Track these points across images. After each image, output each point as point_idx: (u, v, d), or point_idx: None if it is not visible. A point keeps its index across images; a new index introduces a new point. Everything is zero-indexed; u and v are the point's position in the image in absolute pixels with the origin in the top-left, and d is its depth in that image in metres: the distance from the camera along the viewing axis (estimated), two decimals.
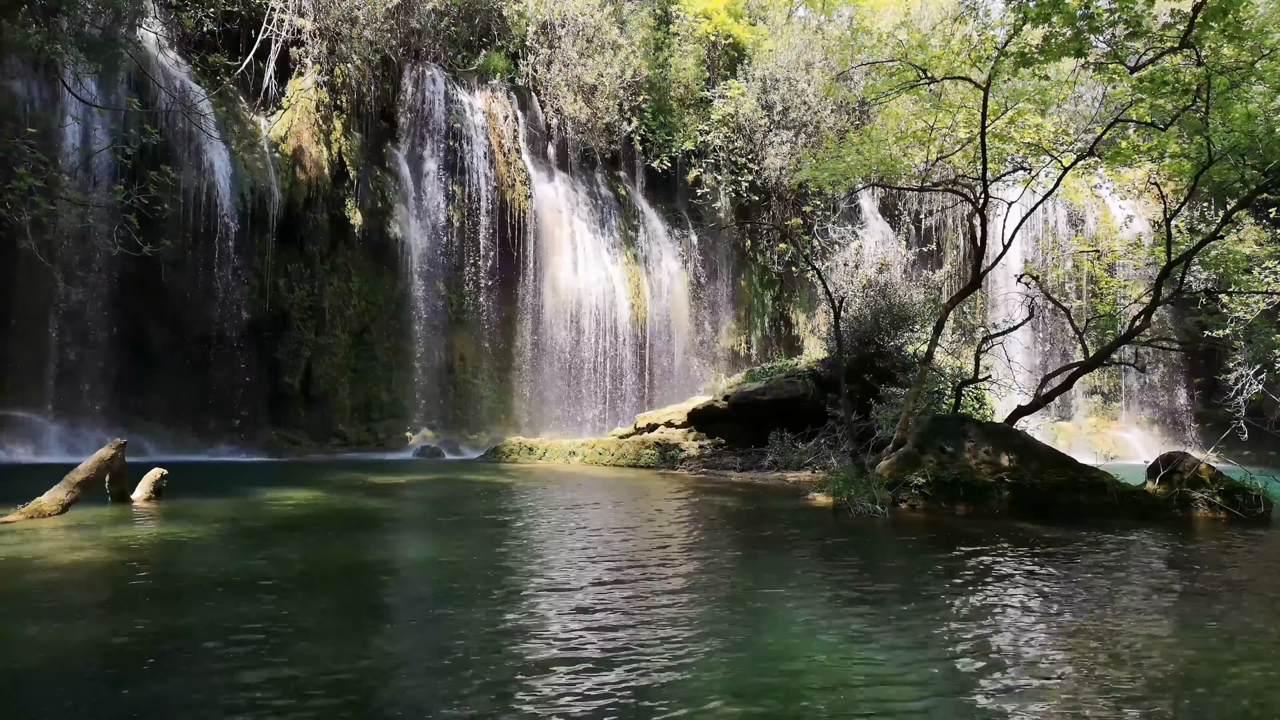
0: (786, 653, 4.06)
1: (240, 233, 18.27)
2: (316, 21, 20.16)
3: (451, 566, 6.29)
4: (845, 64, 17.12)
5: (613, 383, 23.88)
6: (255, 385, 18.87)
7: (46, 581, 5.26)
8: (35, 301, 16.20)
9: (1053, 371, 13.60)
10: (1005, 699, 3.51)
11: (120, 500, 8.67)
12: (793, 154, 25.32)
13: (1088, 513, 9.40)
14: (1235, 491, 9.56)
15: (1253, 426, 18.51)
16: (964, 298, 13.82)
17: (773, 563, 6.62)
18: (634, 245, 25.49)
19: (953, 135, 13.53)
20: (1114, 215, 25.98)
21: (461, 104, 22.59)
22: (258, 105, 19.76)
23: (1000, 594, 5.54)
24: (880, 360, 16.23)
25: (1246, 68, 9.78)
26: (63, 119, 15.65)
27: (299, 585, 5.47)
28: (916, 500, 9.76)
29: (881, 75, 12.58)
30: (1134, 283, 19.93)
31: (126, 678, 3.60)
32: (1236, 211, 11.73)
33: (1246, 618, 4.99)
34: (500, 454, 18.56)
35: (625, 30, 25.85)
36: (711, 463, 16.27)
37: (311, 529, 7.99)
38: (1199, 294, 14.84)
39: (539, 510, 9.95)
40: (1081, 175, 13.57)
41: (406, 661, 3.87)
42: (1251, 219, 19.70)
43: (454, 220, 22.08)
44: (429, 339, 21.68)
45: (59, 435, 15.94)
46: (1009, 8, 10.65)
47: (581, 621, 4.56)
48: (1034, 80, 11.12)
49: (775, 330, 27.91)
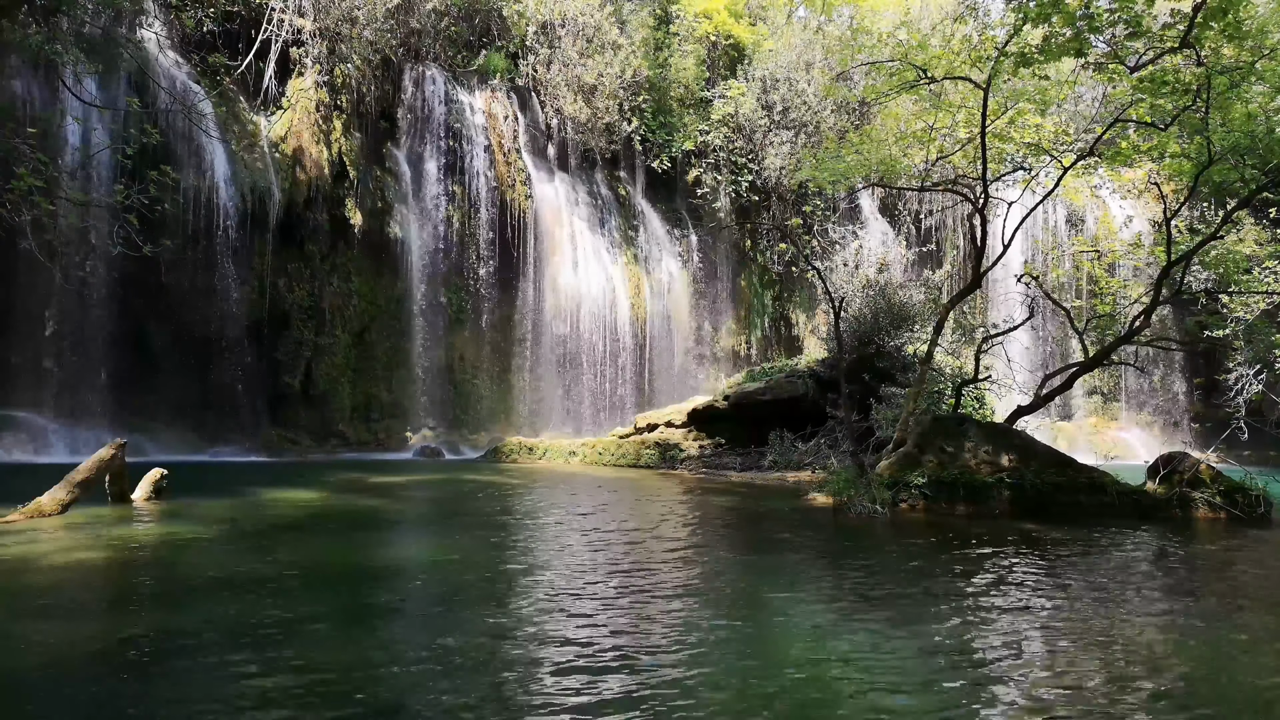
0: (788, 654, 4.05)
1: (240, 233, 18.27)
2: (316, 21, 20.16)
3: (451, 567, 6.29)
4: (845, 64, 17.11)
5: (613, 383, 23.88)
6: (255, 385, 18.87)
7: (46, 581, 5.26)
8: (35, 301, 16.20)
9: (1053, 371, 13.59)
10: (1008, 699, 3.51)
11: (120, 500, 8.67)
12: (793, 154, 25.31)
13: (1088, 513, 9.39)
14: (1235, 491, 9.55)
15: (1253, 426, 18.50)
16: (964, 298, 13.82)
17: (773, 563, 6.62)
18: (634, 245, 25.49)
19: (953, 135, 13.52)
20: (1114, 215, 25.98)
21: (461, 104, 22.59)
22: (258, 105, 19.76)
23: (1002, 595, 5.54)
24: (880, 360, 16.22)
25: (1246, 68, 9.77)
26: (63, 119, 15.65)
27: (299, 585, 5.47)
28: (916, 500, 9.76)
29: (881, 75, 12.57)
30: (1134, 283, 19.93)
31: (126, 678, 3.60)
32: (1236, 211, 11.73)
33: (1248, 618, 4.99)
34: (500, 454, 18.55)
35: (625, 30, 25.86)
36: (711, 463, 16.27)
37: (311, 529, 7.99)
38: (1199, 294, 14.83)
39: (539, 511, 9.95)
40: (1081, 175, 13.56)
41: (407, 663, 3.87)
42: (1251, 219, 19.69)
43: (454, 220, 22.08)
44: (429, 339, 21.68)
45: (59, 435, 15.94)
46: (1009, 8, 10.65)
47: (582, 622, 4.56)
48: (1034, 80, 11.11)
49: (775, 330, 27.91)
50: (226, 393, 18.27)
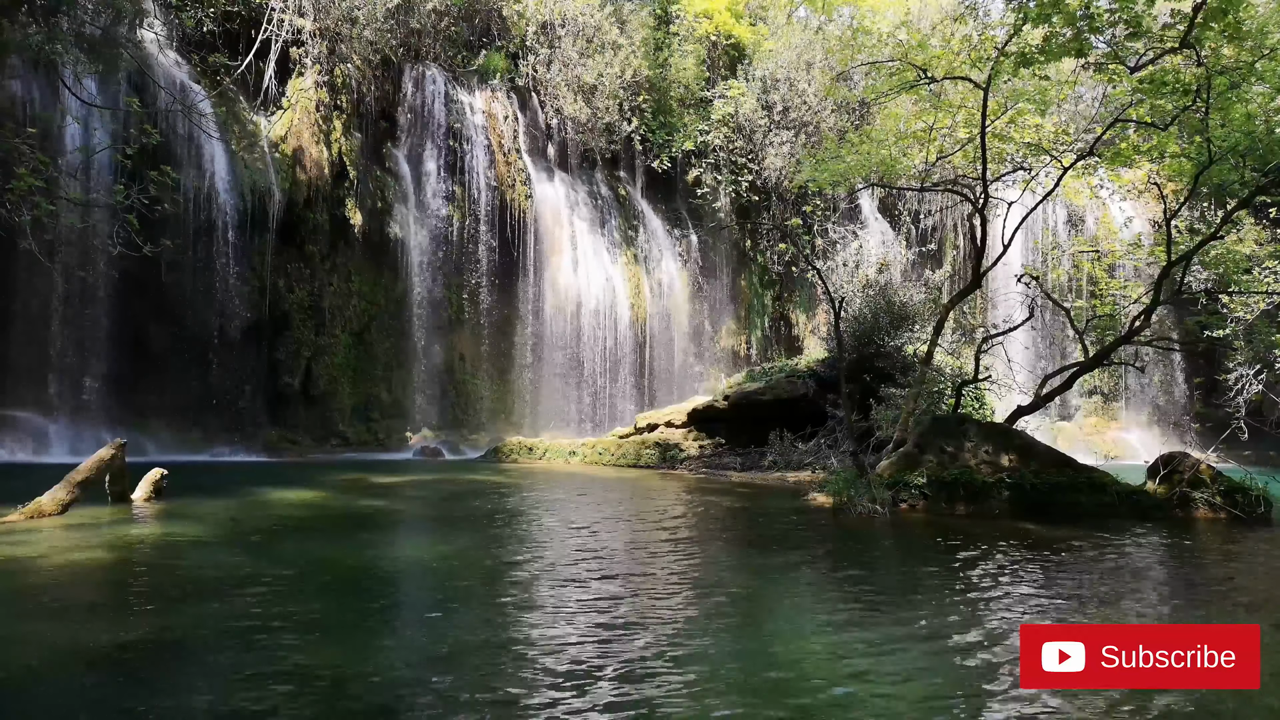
0: (789, 654, 4.05)
1: (240, 233, 18.26)
2: (316, 21, 20.16)
3: (451, 567, 6.29)
4: (845, 64, 17.13)
5: (613, 383, 23.87)
6: (255, 385, 18.86)
7: (46, 581, 5.26)
8: (36, 301, 16.19)
9: (1053, 371, 13.60)
10: (1010, 699, 3.51)
11: (120, 500, 8.66)
12: (793, 154, 25.30)
13: (1088, 513, 9.39)
14: (1235, 491, 9.54)
15: (1253, 426, 18.48)
16: (964, 298, 13.83)
17: (774, 563, 6.62)
18: (634, 245, 25.48)
19: (953, 135, 13.53)
20: (1114, 216, 25.96)
21: (461, 104, 22.59)
22: (258, 105, 19.75)
23: (1003, 595, 5.54)
24: (880, 360, 16.22)
25: (1246, 68, 9.77)
26: (63, 119, 15.63)
27: (299, 586, 5.47)
28: (917, 500, 9.76)
29: (881, 75, 12.58)
30: (1134, 283, 19.93)
31: (126, 678, 3.60)
32: (1236, 211, 11.73)
33: (1248, 617, 4.99)
34: (500, 454, 18.55)
35: (625, 30, 25.84)
36: (711, 463, 16.27)
37: (312, 529, 7.99)
38: (1199, 294, 14.83)
39: (539, 511, 9.95)
40: (1081, 175, 13.57)
41: (407, 663, 3.87)
42: (1251, 219, 19.65)
43: (454, 220, 22.08)
44: (429, 339, 21.68)
45: (59, 435, 15.93)
46: (1009, 8, 10.65)
47: (581, 621, 4.56)
48: (1034, 80, 11.13)
49: (775, 330, 27.90)
50: (226, 393, 18.26)
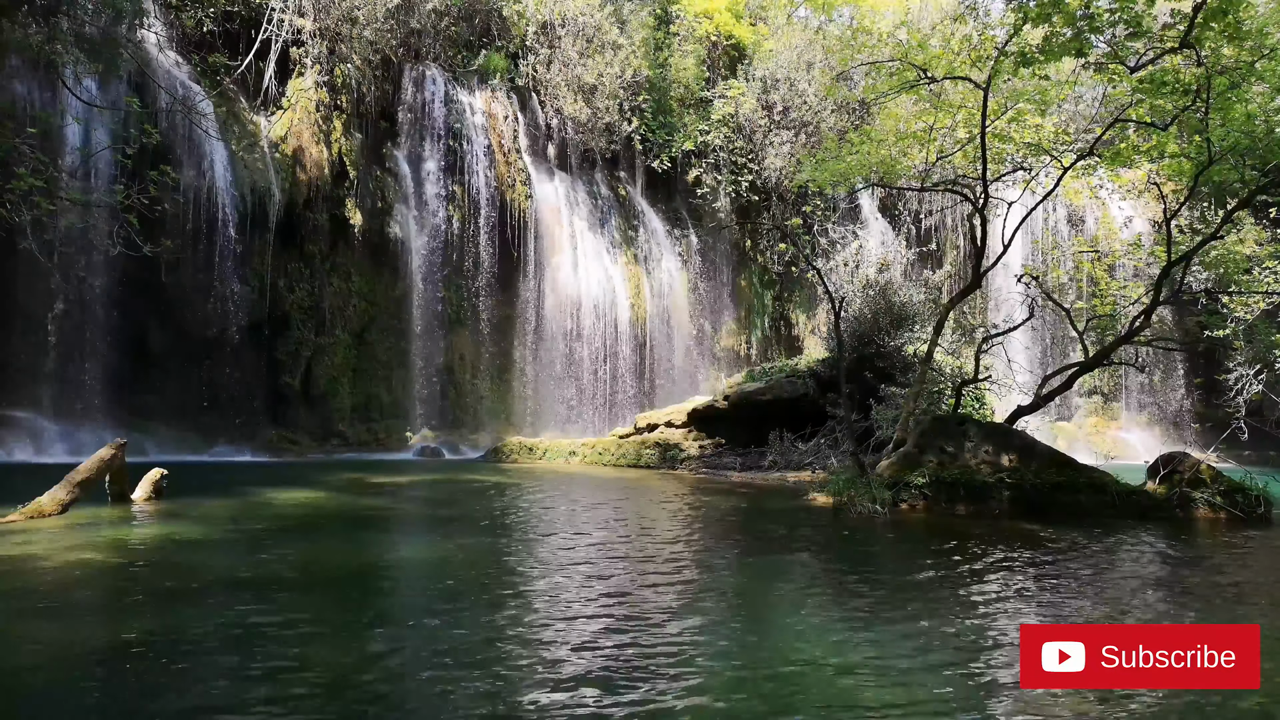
0: (789, 654, 4.05)
1: (240, 233, 18.26)
2: (316, 21, 20.16)
3: (451, 567, 6.29)
4: (845, 64, 17.09)
5: (613, 383, 23.86)
6: (255, 385, 18.86)
7: (46, 581, 5.26)
8: (35, 301, 16.19)
9: (1053, 371, 13.60)
10: (1010, 699, 3.51)
11: (120, 500, 8.67)
12: (793, 154, 25.30)
13: (1088, 513, 9.39)
14: (1235, 491, 9.55)
15: (1253, 426, 18.50)
16: (964, 298, 13.83)
17: (774, 563, 6.62)
18: (634, 245, 25.48)
19: (953, 135, 13.52)
20: (1114, 216, 25.96)
21: (461, 104, 22.58)
22: (258, 105, 19.75)
23: (1003, 595, 5.54)
24: (880, 360, 16.22)
25: (1246, 68, 9.77)
26: (63, 119, 15.63)
27: (299, 586, 5.47)
28: (917, 500, 9.76)
29: (881, 75, 12.57)
30: (1134, 283, 19.92)
31: (126, 678, 3.60)
32: (1236, 211, 11.73)
33: (1249, 617, 4.99)
34: (500, 454, 18.55)
35: (625, 30, 25.83)
36: (711, 463, 16.27)
37: (312, 529, 7.99)
38: (1199, 294, 14.84)
39: (539, 511, 9.95)
40: (1081, 175, 13.56)
41: (406, 663, 3.87)
42: (1251, 219, 19.68)
43: (454, 220, 22.06)
44: (429, 339, 21.68)
45: (59, 435, 15.93)
46: (1009, 8, 10.65)
47: (581, 622, 4.56)
48: (1034, 80, 11.11)
49: (775, 330, 27.90)
50: (226, 393, 18.26)
